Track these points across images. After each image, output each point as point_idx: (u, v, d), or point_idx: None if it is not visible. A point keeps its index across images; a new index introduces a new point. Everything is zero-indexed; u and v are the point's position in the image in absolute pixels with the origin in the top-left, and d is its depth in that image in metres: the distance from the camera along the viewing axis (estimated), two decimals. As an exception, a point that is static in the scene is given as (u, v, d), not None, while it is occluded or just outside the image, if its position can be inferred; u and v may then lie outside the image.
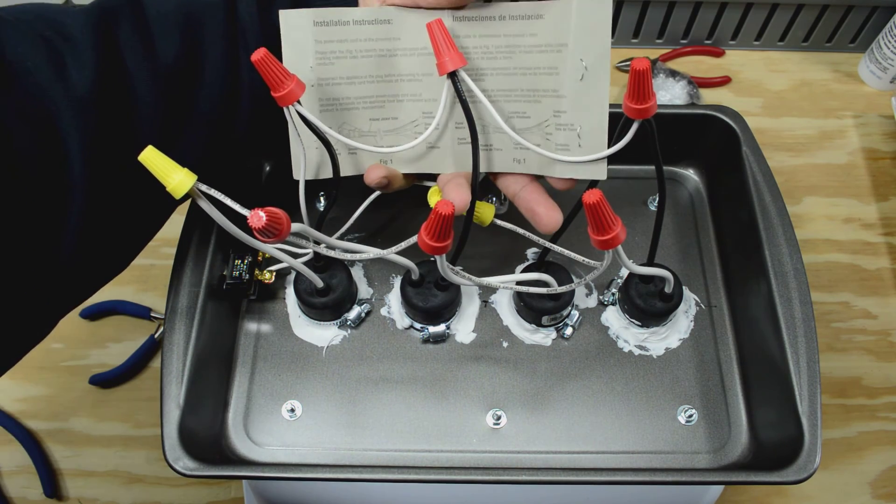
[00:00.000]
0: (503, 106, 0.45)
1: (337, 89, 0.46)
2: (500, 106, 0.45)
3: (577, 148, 0.44)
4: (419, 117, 0.47)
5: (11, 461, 0.62)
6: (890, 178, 0.76)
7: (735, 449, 0.53)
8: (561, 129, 0.44)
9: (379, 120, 0.47)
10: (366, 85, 0.46)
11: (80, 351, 0.66)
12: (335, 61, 0.45)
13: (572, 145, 0.44)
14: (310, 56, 0.45)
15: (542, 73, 0.44)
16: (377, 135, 0.47)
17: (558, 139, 0.44)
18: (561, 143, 0.44)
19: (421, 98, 0.46)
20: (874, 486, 0.62)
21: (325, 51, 0.45)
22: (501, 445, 0.53)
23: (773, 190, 0.56)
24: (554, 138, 0.45)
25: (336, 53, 0.45)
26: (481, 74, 0.44)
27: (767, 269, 0.53)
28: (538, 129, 0.45)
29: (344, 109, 0.47)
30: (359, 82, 0.46)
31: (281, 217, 0.37)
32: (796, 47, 0.83)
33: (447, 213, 0.37)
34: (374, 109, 0.47)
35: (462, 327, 0.56)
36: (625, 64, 0.81)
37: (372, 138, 0.47)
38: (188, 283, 0.52)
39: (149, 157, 0.36)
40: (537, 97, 0.44)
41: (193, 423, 0.49)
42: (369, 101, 0.46)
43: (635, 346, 0.56)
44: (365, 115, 0.47)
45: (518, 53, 0.44)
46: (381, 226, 0.61)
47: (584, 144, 0.43)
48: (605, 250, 0.41)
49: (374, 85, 0.46)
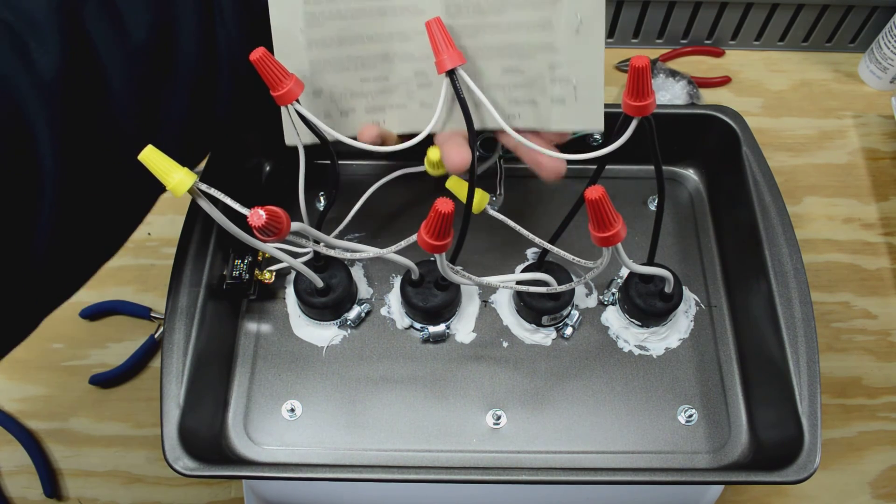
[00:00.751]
0: (496, 62, 0.45)
1: (326, 51, 0.46)
2: (493, 63, 0.45)
3: (574, 101, 0.45)
4: (411, 77, 0.47)
5: (11, 461, 0.62)
6: (890, 178, 0.75)
7: (735, 449, 0.52)
8: (556, 82, 0.45)
9: (370, 80, 0.47)
10: (356, 45, 0.46)
11: (80, 351, 0.66)
12: (325, 22, 0.45)
13: (568, 98, 0.45)
14: (299, 18, 0.45)
15: (536, 27, 0.44)
16: (369, 95, 0.47)
17: (554, 93, 0.45)
18: (557, 96, 0.45)
19: (413, 57, 0.46)
20: (874, 486, 0.62)
21: (314, 11, 0.45)
22: (501, 445, 0.53)
23: (773, 190, 0.56)
24: (549, 92, 0.45)
25: (325, 14, 0.45)
26: (474, 31, 0.44)
27: (767, 269, 0.53)
28: (533, 83, 0.45)
29: (335, 71, 0.46)
30: (349, 43, 0.46)
31: (281, 215, 0.37)
32: (796, 47, 0.83)
33: (447, 212, 0.37)
34: (365, 69, 0.46)
35: (462, 327, 0.56)
36: (625, 64, 0.81)
37: (364, 98, 0.47)
38: (188, 283, 0.52)
39: (148, 156, 0.36)
40: (531, 52, 0.45)
41: (193, 422, 0.49)
42: (360, 62, 0.46)
43: (635, 346, 0.56)
44: (356, 75, 0.46)
45: (510, 9, 0.44)
46: (380, 225, 0.61)
47: (581, 97, 0.44)
48: (606, 248, 0.41)
49: (365, 45, 0.46)
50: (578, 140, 0.59)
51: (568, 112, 0.46)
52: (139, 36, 0.40)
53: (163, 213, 0.72)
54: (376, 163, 0.62)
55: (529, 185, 0.63)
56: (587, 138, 0.60)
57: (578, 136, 0.59)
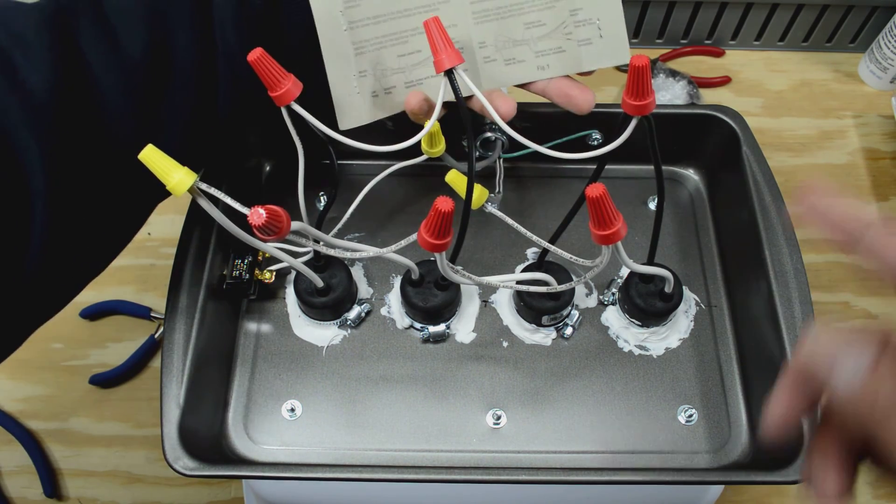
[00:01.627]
0: (517, 20, 0.48)
1: (365, 30, 0.47)
2: (513, 21, 0.48)
3: (599, 39, 0.48)
4: None
5: (11, 461, 0.62)
6: (890, 178, 0.75)
7: (735, 449, 0.52)
8: (580, 25, 0.48)
9: (406, 55, 0.48)
10: (389, 22, 0.47)
11: (80, 351, 0.66)
12: (361, 2, 0.46)
13: (594, 38, 0.48)
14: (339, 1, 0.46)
15: None
16: (406, 70, 0.49)
17: (579, 35, 0.48)
18: (583, 38, 0.48)
19: None
20: (874, 486, 0.62)
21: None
22: (501, 445, 0.53)
23: (773, 190, 0.56)
24: (575, 35, 0.48)
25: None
26: None
27: (767, 269, 0.53)
28: (556, 32, 0.48)
29: (375, 50, 0.48)
30: (383, 20, 0.47)
31: (281, 214, 0.37)
32: (796, 47, 0.83)
33: (447, 210, 0.37)
34: (400, 45, 0.48)
35: (462, 327, 0.56)
36: (625, 64, 0.81)
37: (402, 74, 0.49)
38: (188, 283, 0.52)
39: (148, 155, 0.36)
40: (550, 3, 0.47)
41: (193, 422, 0.49)
42: (395, 38, 0.48)
43: (635, 345, 0.56)
44: (393, 52, 0.48)
45: None
46: (380, 225, 0.61)
47: (606, 34, 0.48)
48: (606, 246, 0.41)
49: (397, 21, 0.47)
50: (578, 140, 0.59)
51: (595, 51, 0.48)
52: (134, 51, 0.40)
53: (163, 213, 0.72)
54: (376, 162, 0.62)
55: (529, 185, 0.63)
56: (587, 138, 0.60)
57: (578, 137, 0.59)
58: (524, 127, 0.53)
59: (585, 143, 0.60)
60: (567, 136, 0.58)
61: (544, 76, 0.49)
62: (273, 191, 0.63)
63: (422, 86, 0.49)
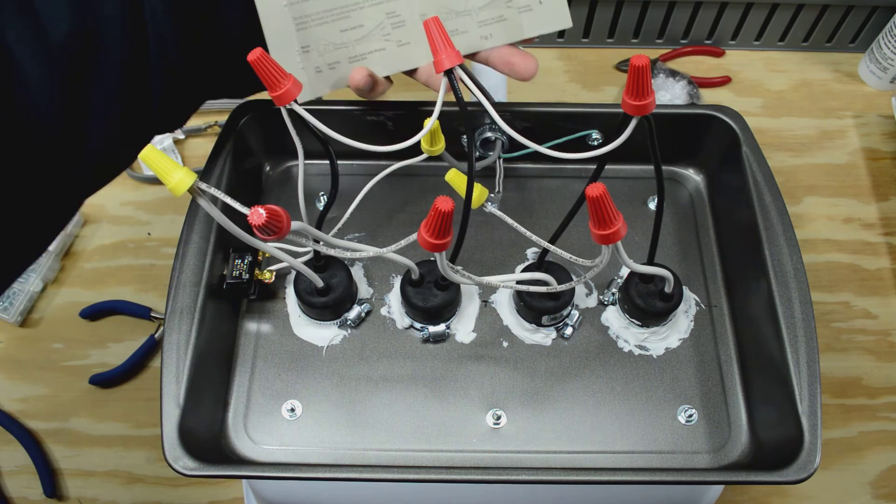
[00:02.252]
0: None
1: (306, 5, 0.48)
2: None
3: (539, 5, 0.49)
4: (384, 19, 0.49)
5: (11, 461, 0.62)
6: (890, 178, 0.76)
7: (735, 449, 0.52)
8: None
9: (348, 30, 0.49)
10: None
11: (80, 351, 0.66)
12: None
13: (533, 4, 0.49)
14: None
15: None
16: (349, 44, 0.49)
17: (519, 3, 0.48)
18: (523, 5, 0.49)
19: (382, 0, 0.49)
20: (874, 486, 0.62)
21: None
22: (501, 445, 0.53)
23: (773, 190, 0.56)
24: (515, 3, 0.48)
25: None
26: None
27: (767, 269, 0.53)
28: (497, 1, 0.49)
29: (316, 25, 0.48)
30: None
31: (281, 214, 0.37)
32: (796, 47, 0.83)
33: (447, 210, 0.37)
34: (342, 20, 0.49)
35: (462, 327, 0.56)
36: (624, 64, 0.81)
37: (345, 49, 0.49)
38: (188, 283, 0.52)
39: (148, 155, 0.36)
40: None
41: (193, 422, 0.49)
42: (336, 13, 0.48)
43: (635, 345, 0.56)
44: (335, 27, 0.49)
45: None
46: (380, 225, 0.61)
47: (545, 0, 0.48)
48: (606, 245, 0.41)
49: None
50: (578, 140, 0.59)
51: (536, 17, 0.49)
52: (59, 35, 0.39)
53: (163, 213, 0.73)
54: (376, 162, 0.62)
55: (529, 185, 0.63)
56: (587, 138, 0.60)
57: (578, 136, 0.59)
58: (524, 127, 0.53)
59: (585, 143, 0.60)
60: (567, 136, 0.58)
61: (488, 45, 0.49)
62: (273, 191, 0.63)
63: (365, 61, 0.50)
